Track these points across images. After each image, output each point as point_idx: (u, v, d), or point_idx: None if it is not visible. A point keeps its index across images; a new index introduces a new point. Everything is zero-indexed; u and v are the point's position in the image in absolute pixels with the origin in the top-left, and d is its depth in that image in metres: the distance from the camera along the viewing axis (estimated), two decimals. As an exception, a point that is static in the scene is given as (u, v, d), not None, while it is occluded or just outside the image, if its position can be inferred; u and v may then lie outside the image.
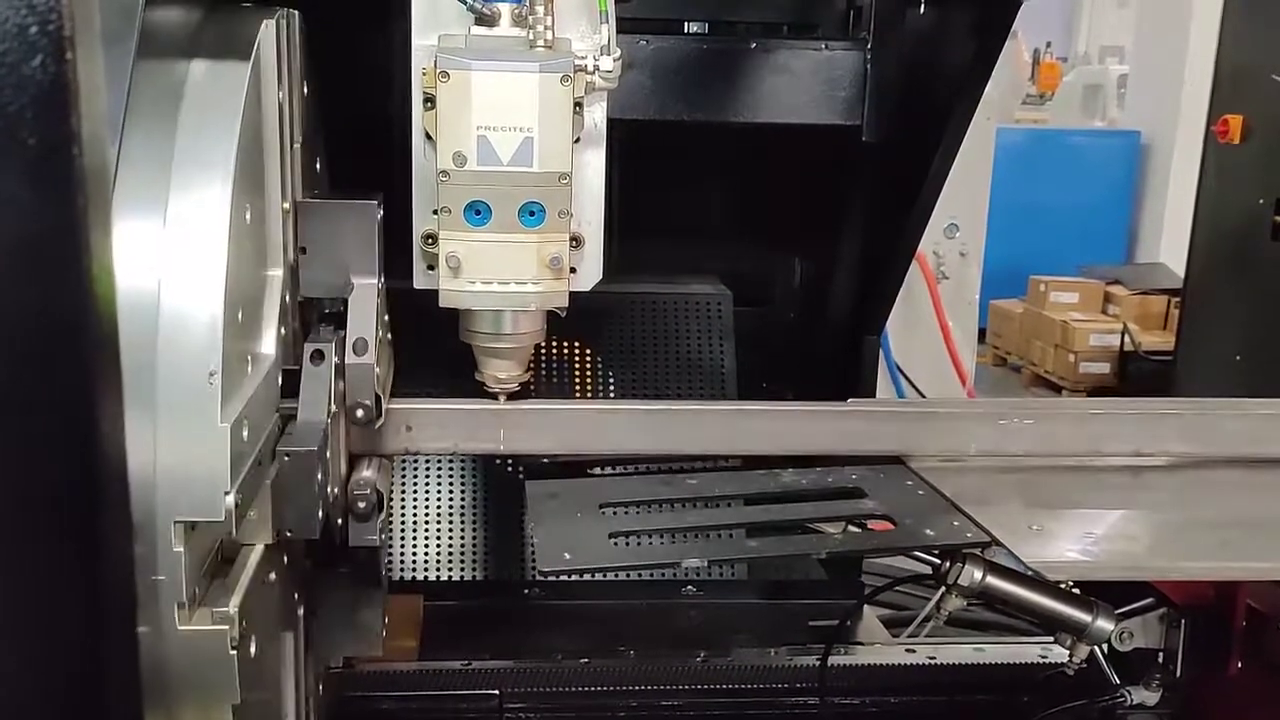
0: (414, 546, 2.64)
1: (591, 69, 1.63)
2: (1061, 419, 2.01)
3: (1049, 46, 11.86)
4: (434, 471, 2.67)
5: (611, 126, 1.74)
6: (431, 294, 1.69)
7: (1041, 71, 11.18)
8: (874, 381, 2.92)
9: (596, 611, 2.58)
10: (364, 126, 1.94)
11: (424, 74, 1.61)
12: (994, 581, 1.88)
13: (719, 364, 2.77)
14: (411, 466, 2.66)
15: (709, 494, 1.92)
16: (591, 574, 2.38)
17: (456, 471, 2.68)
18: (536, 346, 1.81)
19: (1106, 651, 2.20)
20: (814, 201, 2.86)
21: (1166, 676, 2.17)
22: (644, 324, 2.78)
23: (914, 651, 2.45)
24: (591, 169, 1.74)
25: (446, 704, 2.27)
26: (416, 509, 2.66)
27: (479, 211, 1.63)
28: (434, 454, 2.33)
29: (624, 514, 1.86)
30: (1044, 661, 2.41)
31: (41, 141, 0.72)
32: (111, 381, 0.79)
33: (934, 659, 2.43)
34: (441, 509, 2.66)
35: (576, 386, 2.70)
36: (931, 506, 1.81)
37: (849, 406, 1.97)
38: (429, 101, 1.62)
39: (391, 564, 2.58)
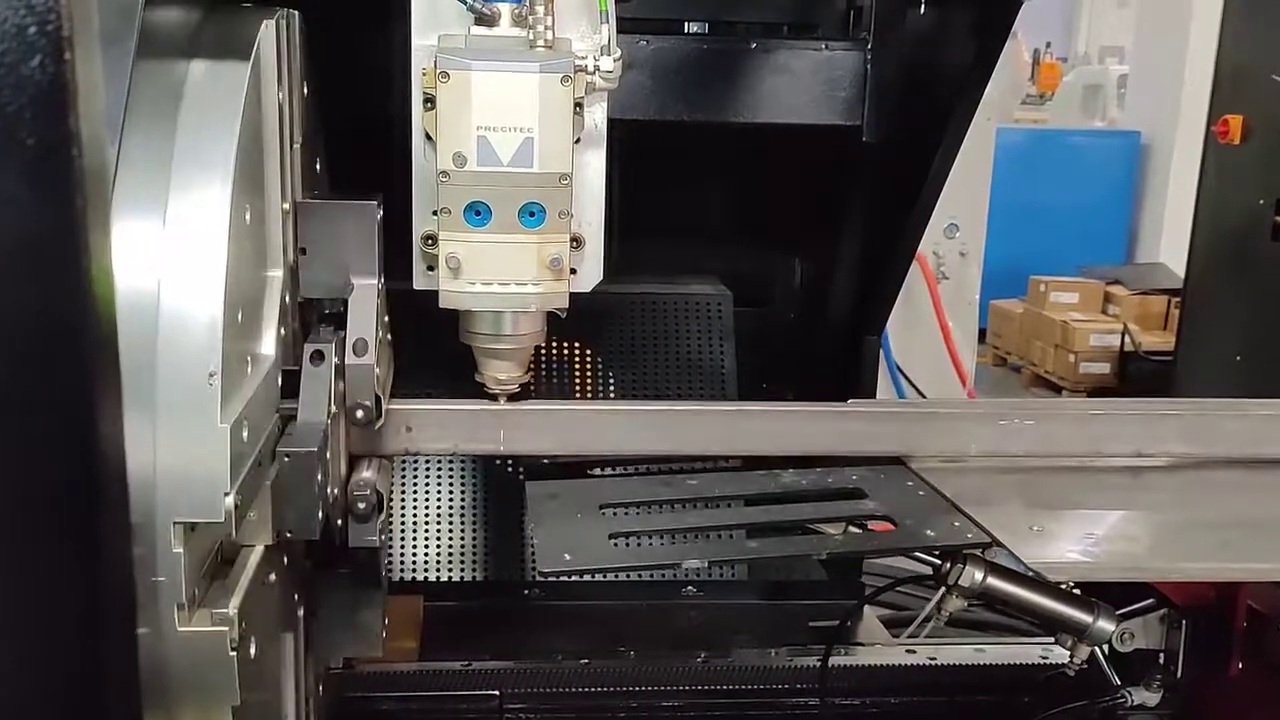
0: (414, 547, 2.64)
1: (592, 69, 1.62)
2: (1062, 419, 2.01)
3: (1049, 46, 11.86)
4: (434, 472, 2.67)
5: (611, 126, 1.74)
6: (431, 295, 1.68)
7: (1041, 71, 11.18)
8: (874, 382, 2.92)
9: (596, 612, 2.58)
10: (364, 127, 1.94)
11: (424, 74, 1.61)
12: (994, 582, 1.88)
13: (719, 364, 2.77)
14: (411, 467, 2.66)
15: (709, 495, 1.92)
16: (591, 575, 2.38)
17: (456, 472, 2.68)
18: (536, 347, 1.81)
19: (1107, 652, 2.20)
20: (814, 202, 2.86)
21: (1167, 677, 2.17)
22: (644, 324, 2.78)
23: (914, 652, 2.45)
24: (592, 169, 1.73)
25: (446, 704, 2.26)
26: (416, 509, 2.65)
27: (479, 212, 1.63)
28: (434, 454, 2.34)
29: (624, 515, 1.86)
30: (1045, 662, 2.41)
31: (40, 142, 0.72)
32: (111, 382, 0.79)
33: (934, 660, 2.43)
34: (441, 509, 2.66)
35: (576, 387, 2.70)
36: (932, 507, 1.81)
37: (849, 407, 1.97)
38: (429, 102, 1.61)
39: (391, 564, 2.58)
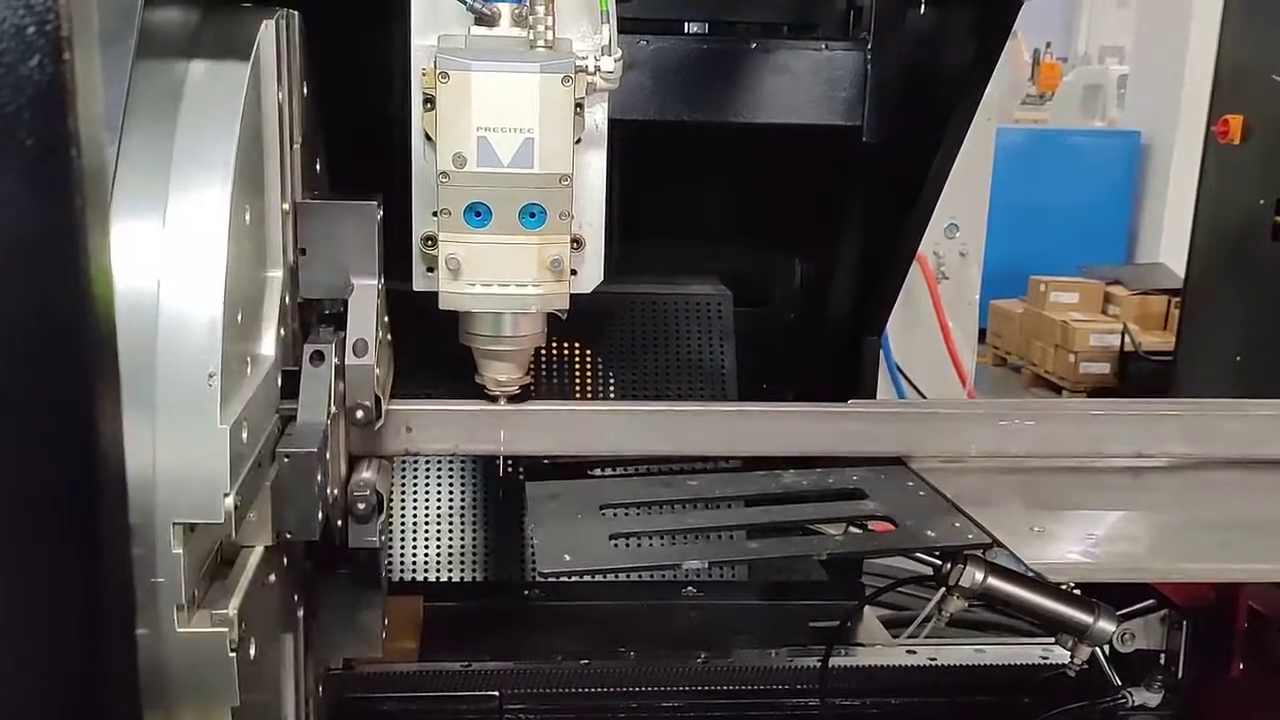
0: (414, 547, 2.64)
1: (592, 69, 1.62)
2: (1062, 420, 2.01)
3: (1049, 46, 11.86)
4: (434, 472, 2.67)
5: (611, 127, 1.73)
6: (431, 295, 1.68)
7: (1041, 71, 11.18)
8: (874, 382, 2.92)
9: (597, 613, 2.58)
10: (364, 127, 1.94)
11: (424, 74, 1.60)
12: (995, 583, 1.87)
13: (719, 365, 2.76)
14: (411, 467, 2.66)
15: (709, 495, 1.92)
16: (592, 575, 2.37)
17: (456, 472, 2.67)
18: (536, 348, 1.81)
19: (1108, 653, 2.20)
20: (814, 202, 2.85)
21: (1168, 678, 2.17)
22: (644, 324, 2.77)
23: (915, 653, 2.44)
24: (592, 170, 1.73)
25: (446, 705, 2.26)
26: (416, 510, 2.65)
27: (479, 213, 1.62)
28: (434, 455, 2.33)
29: (624, 515, 1.86)
30: (1045, 663, 2.40)
31: (39, 142, 0.72)
32: (110, 382, 0.79)
33: (935, 660, 2.43)
34: (441, 510, 2.66)
35: (576, 387, 2.70)
36: (932, 507, 1.81)
37: (849, 407, 1.97)
38: (429, 102, 1.61)
39: (391, 565, 2.58)
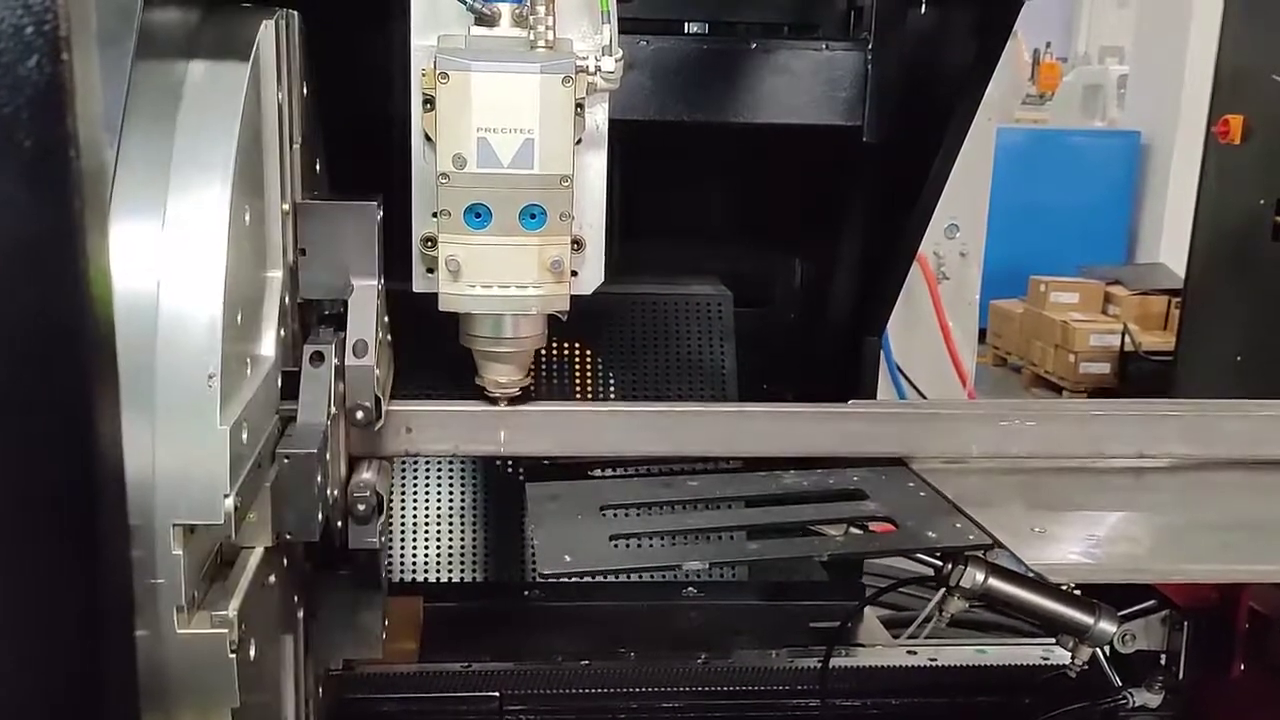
0: (414, 548, 2.64)
1: (593, 70, 1.61)
2: (1063, 420, 2.01)
3: (1049, 46, 11.86)
4: (434, 473, 2.67)
5: (611, 127, 1.73)
6: (431, 295, 1.68)
7: (1041, 71, 11.18)
8: (875, 382, 2.91)
9: (597, 613, 2.58)
10: (364, 127, 1.94)
11: (423, 75, 1.60)
12: (996, 584, 1.87)
13: (719, 365, 2.76)
14: (411, 468, 2.66)
15: (710, 496, 1.91)
16: (592, 576, 2.37)
17: (457, 473, 2.67)
18: (536, 350, 1.81)
19: (1108, 653, 2.20)
20: (814, 202, 2.85)
21: (1169, 679, 2.17)
22: (644, 325, 2.77)
23: (915, 653, 2.44)
24: (593, 171, 1.72)
25: (447, 706, 2.26)
26: (417, 510, 2.65)
27: (479, 214, 1.62)
28: (434, 456, 2.33)
29: (625, 516, 1.86)
30: (1046, 663, 2.40)
31: (37, 143, 0.72)
32: (108, 383, 0.79)
33: (935, 661, 2.43)
34: (442, 510, 2.66)
35: (576, 388, 2.70)
36: (933, 508, 1.81)
37: (850, 408, 1.97)
38: (428, 103, 1.60)
39: (391, 566, 2.58)
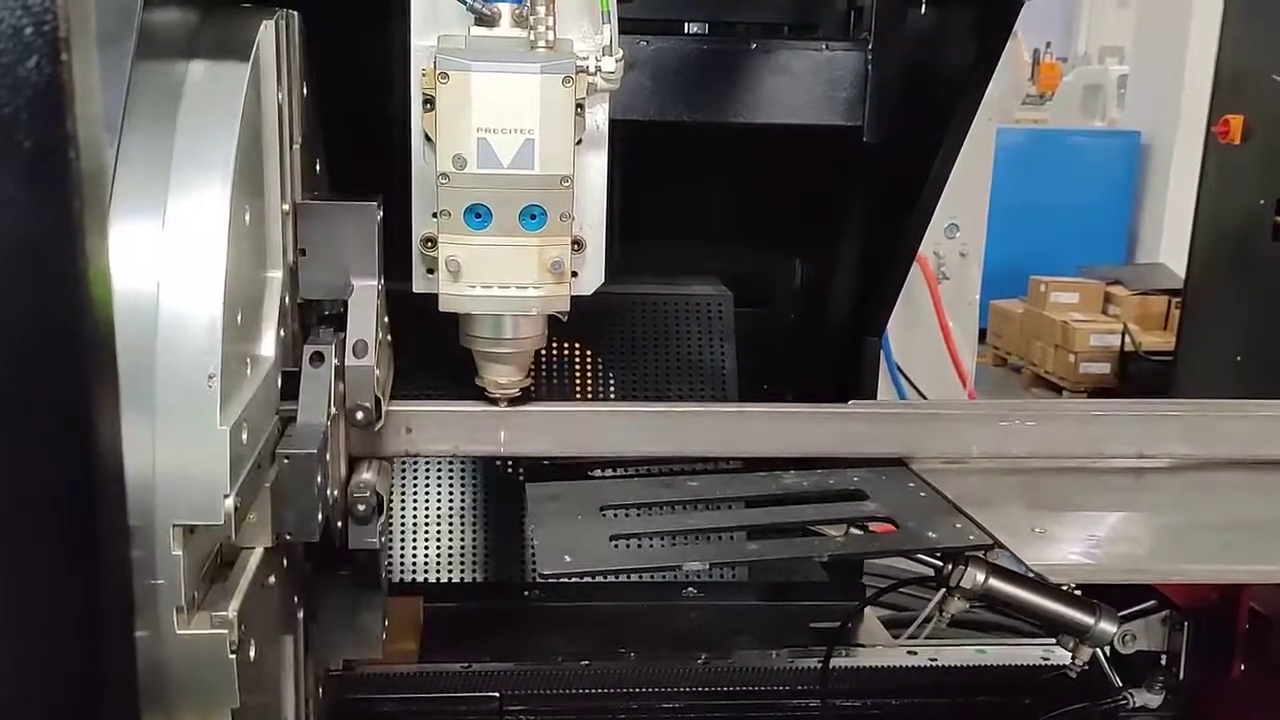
0: (414, 548, 2.64)
1: (593, 70, 1.61)
2: (1063, 421, 2.01)
3: (1049, 46, 11.86)
4: (434, 473, 2.67)
5: (611, 127, 1.73)
6: (431, 296, 1.68)
7: (1041, 71, 11.18)
8: (875, 383, 2.91)
9: (597, 613, 2.57)
10: (364, 127, 1.93)
11: (423, 75, 1.60)
12: (996, 584, 1.87)
13: (719, 365, 2.76)
14: (411, 468, 2.66)
15: (710, 496, 1.91)
16: (592, 576, 2.37)
17: (457, 473, 2.67)
18: (536, 350, 1.81)
19: (1109, 654, 2.20)
20: (815, 202, 2.85)
21: (1169, 679, 2.16)
22: (644, 325, 2.77)
23: (916, 653, 2.44)
24: (593, 171, 1.72)
25: (447, 706, 2.26)
26: (416, 511, 2.65)
27: (479, 214, 1.62)
28: (434, 456, 2.33)
29: (625, 516, 1.86)
30: (1046, 664, 2.40)
31: (37, 144, 0.71)
32: (108, 383, 0.79)
33: (936, 661, 2.42)
34: (442, 511, 2.66)
35: (576, 388, 2.69)
36: (933, 508, 1.81)
37: (850, 408, 1.97)
38: (428, 103, 1.60)
39: (391, 566, 2.58)
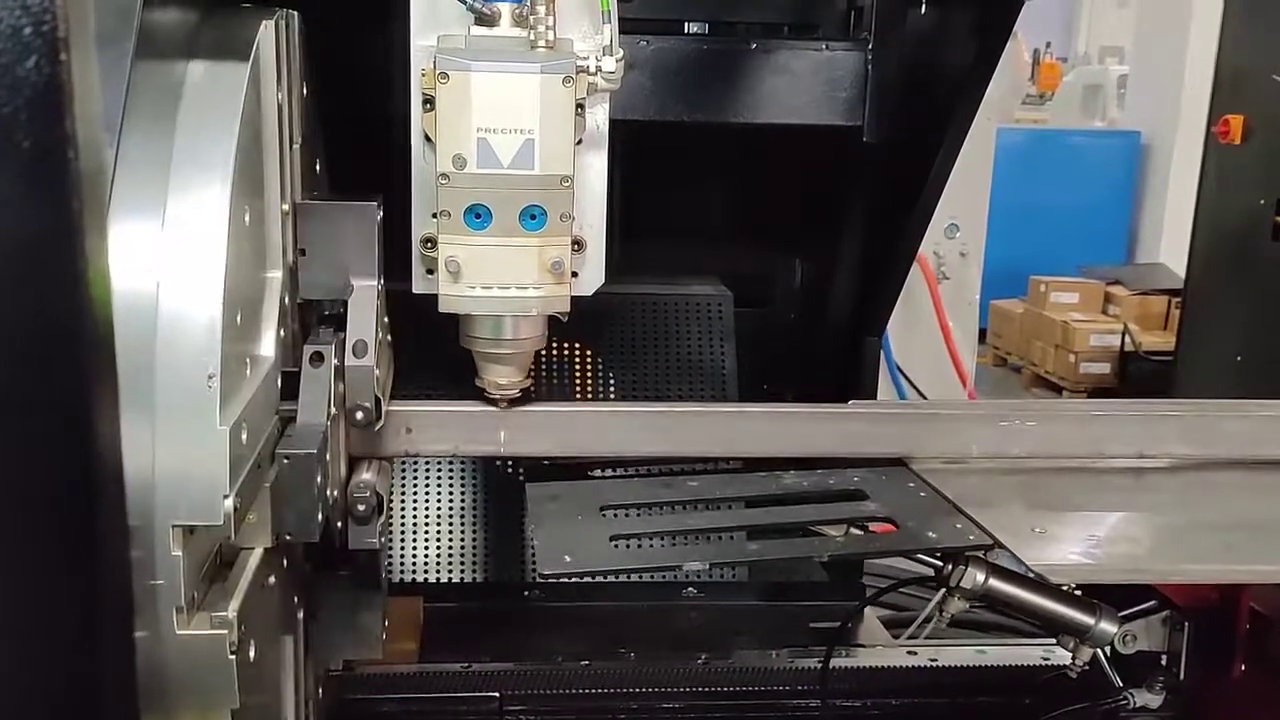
0: (414, 548, 2.64)
1: (594, 70, 1.61)
2: (1063, 421, 2.01)
3: (1049, 46, 11.86)
4: (434, 473, 2.67)
5: (611, 127, 1.73)
6: (431, 296, 1.68)
7: (1041, 71, 11.18)
8: (875, 383, 2.91)
9: (597, 613, 2.57)
10: (364, 127, 1.93)
11: (423, 75, 1.60)
12: (996, 584, 1.87)
13: (719, 365, 2.76)
14: (411, 468, 2.66)
15: (710, 496, 1.91)
16: (592, 576, 2.37)
17: (457, 473, 2.67)
18: (537, 351, 1.80)
19: (1109, 654, 2.19)
20: (815, 202, 2.85)
21: (1169, 679, 2.16)
22: (644, 325, 2.77)
23: (916, 654, 2.44)
24: (593, 171, 1.72)
25: (447, 706, 2.26)
26: (416, 511, 2.65)
27: (479, 215, 1.62)
28: (434, 456, 2.33)
29: (625, 516, 1.86)
30: (1046, 664, 2.40)
31: (36, 144, 0.71)
32: (107, 384, 0.78)
33: (936, 661, 2.42)
34: (442, 511, 2.65)
35: (576, 388, 2.69)
36: (933, 509, 1.81)
37: (850, 408, 1.97)
38: (428, 103, 1.60)
39: (391, 566, 2.58)
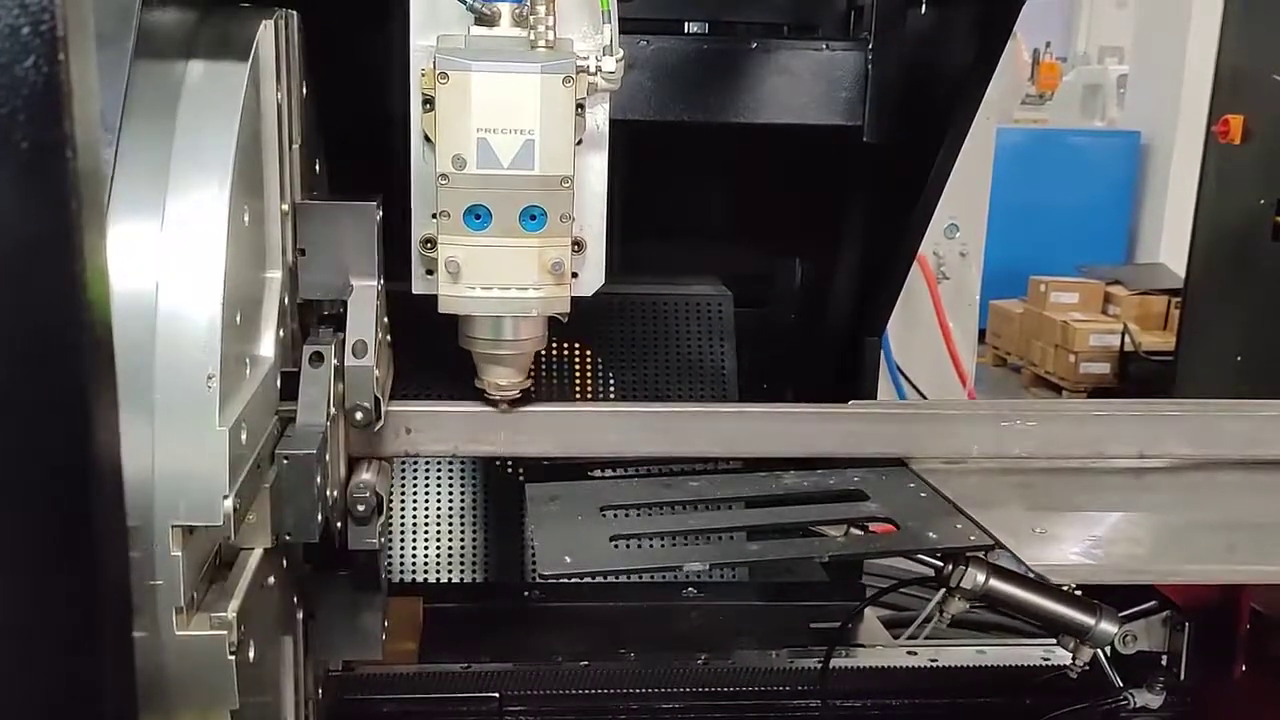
0: (414, 549, 2.63)
1: (594, 70, 1.61)
2: (1063, 421, 2.01)
3: (1049, 46, 11.83)
4: (434, 473, 2.67)
5: (611, 127, 1.72)
6: (431, 297, 1.67)
7: (1041, 71, 11.15)
8: (875, 383, 2.91)
9: (597, 614, 2.57)
10: (364, 127, 1.93)
11: (423, 75, 1.59)
12: (997, 584, 1.87)
13: (719, 365, 2.76)
14: (411, 468, 2.66)
15: (710, 496, 1.91)
16: (592, 577, 2.36)
17: (457, 473, 2.67)
18: (536, 351, 1.80)
19: (1109, 654, 2.19)
20: (815, 202, 2.85)
21: (1170, 680, 2.17)
22: (645, 325, 2.77)
23: (916, 654, 2.45)
24: (593, 172, 1.72)
25: (446, 706, 2.26)
26: (416, 511, 2.65)
27: (479, 215, 1.61)
28: (434, 456, 2.33)
29: (625, 516, 1.85)
30: (1047, 664, 2.40)
31: (34, 144, 0.71)
32: (106, 384, 0.78)
33: (936, 661, 2.43)
34: (441, 511, 2.65)
35: (577, 388, 2.69)
36: (934, 509, 1.81)
37: (850, 408, 1.97)
38: (428, 103, 1.60)
39: (391, 566, 2.58)
